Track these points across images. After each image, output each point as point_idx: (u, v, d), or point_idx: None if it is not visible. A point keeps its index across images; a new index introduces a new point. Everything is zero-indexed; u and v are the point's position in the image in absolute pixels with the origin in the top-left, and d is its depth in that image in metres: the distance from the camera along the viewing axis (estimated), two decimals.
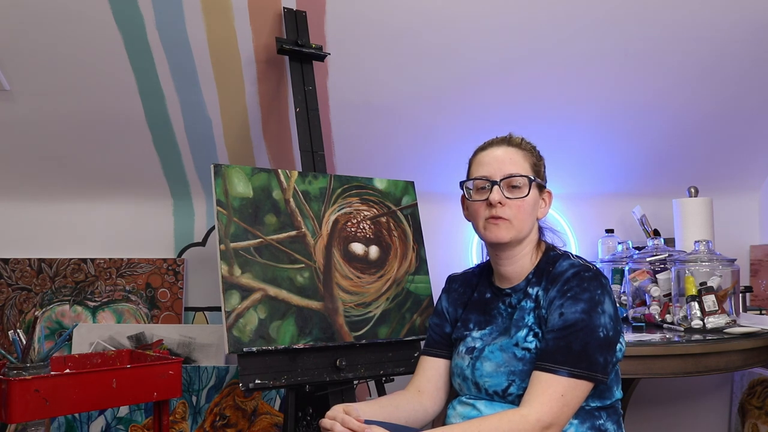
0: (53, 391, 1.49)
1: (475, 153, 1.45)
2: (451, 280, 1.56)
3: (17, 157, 2.21)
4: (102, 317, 2.32)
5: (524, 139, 1.45)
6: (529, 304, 1.36)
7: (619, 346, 1.34)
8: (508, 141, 1.43)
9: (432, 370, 1.48)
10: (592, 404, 1.31)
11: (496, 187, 1.36)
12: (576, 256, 1.39)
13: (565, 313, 1.27)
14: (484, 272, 1.51)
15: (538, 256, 1.42)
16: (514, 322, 1.36)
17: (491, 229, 1.37)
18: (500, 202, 1.36)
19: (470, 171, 1.44)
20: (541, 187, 1.43)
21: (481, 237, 1.42)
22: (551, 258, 1.39)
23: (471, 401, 1.37)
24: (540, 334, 1.32)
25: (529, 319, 1.34)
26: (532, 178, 1.38)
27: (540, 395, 1.23)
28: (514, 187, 1.37)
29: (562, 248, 1.45)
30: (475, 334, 1.42)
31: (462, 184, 1.44)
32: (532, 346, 1.31)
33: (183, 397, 2.23)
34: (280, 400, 2.27)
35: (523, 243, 1.40)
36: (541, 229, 1.46)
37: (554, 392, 1.23)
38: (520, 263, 1.41)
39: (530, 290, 1.38)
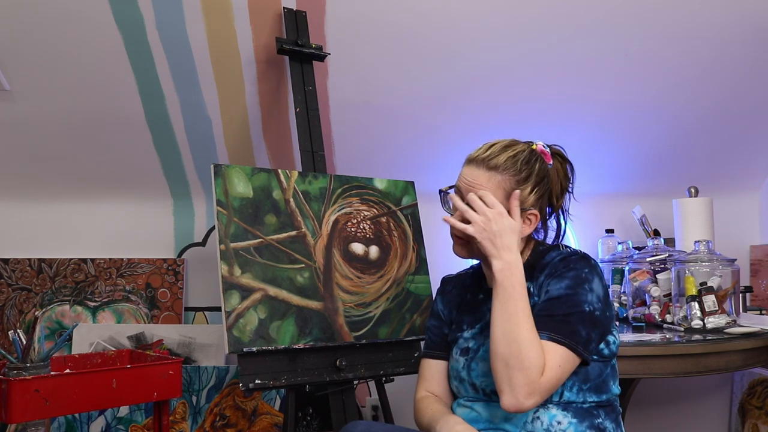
0: (53, 391, 1.48)
1: (466, 158, 1.40)
2: (445, 281, 1.57)
3: (17, 157, 2.21)
4: (102, 317, 2.32)
5: (513, 156, 1.35)
6: None
7: (612, 338, 1.32)
8: (485, 162, 1.35)
9: (439, 374, 1.47)
10: (589, 400, 1.30)
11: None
12: (566, 246, 1.39)
13: (551, 290, 1.28)
14: (477, 273, 1.51)
15: (526, 256, 1.40)
16: None
17: (453, 245, 1.42)
18: None
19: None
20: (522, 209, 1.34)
21: None
22: (540, 252, 1.39)
23: (469, 404, 1.37)
24: None
25: None
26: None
27: None
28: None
29: (552, 243, 1.44)
30: (467, 334, 1.42)
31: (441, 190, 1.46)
32: None
33: (183, 397, 2.23)
34: (280, 400, 2.27)
35: None
36: (537, 230, 1.42)
37: None
38: None
39: None
